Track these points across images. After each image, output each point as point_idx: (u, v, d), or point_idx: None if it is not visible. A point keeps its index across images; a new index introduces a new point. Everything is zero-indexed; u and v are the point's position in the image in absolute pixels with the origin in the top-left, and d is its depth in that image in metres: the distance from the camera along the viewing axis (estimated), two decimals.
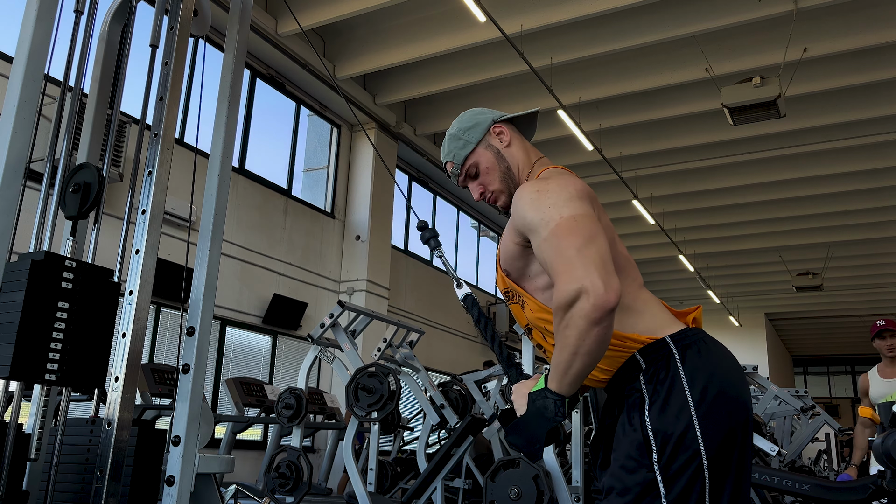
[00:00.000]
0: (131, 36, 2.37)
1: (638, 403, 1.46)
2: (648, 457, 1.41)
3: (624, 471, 1.43)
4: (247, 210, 8.96)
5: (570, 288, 1.36)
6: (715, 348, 1.53)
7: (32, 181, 2.35)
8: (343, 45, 9.46)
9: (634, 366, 1.50)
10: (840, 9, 8.10)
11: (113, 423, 1.82)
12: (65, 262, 1.85)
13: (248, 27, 2.41)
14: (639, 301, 1.57)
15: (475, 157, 1.74)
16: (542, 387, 1.46)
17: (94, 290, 1.89)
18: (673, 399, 1.43)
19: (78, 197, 2.03)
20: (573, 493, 4.43)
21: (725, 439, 1.42)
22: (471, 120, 1.77)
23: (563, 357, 1.39)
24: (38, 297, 1.78)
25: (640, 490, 1.40)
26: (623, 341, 1.51)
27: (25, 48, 2.09)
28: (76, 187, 2.03)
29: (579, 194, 1.52)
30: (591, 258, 1.39)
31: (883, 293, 18.78)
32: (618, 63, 9.39)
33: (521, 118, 1.80)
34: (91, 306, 1.88)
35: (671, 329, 1.53)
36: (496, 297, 15.12)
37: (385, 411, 4.53)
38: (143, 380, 5.79)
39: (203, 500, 2.03)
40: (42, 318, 1.77)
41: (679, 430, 1.40)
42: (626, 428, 1.47)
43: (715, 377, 1.46)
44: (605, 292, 1.34)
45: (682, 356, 1.47)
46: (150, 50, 2.19)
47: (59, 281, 1.82)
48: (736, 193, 13.22)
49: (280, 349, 9.47)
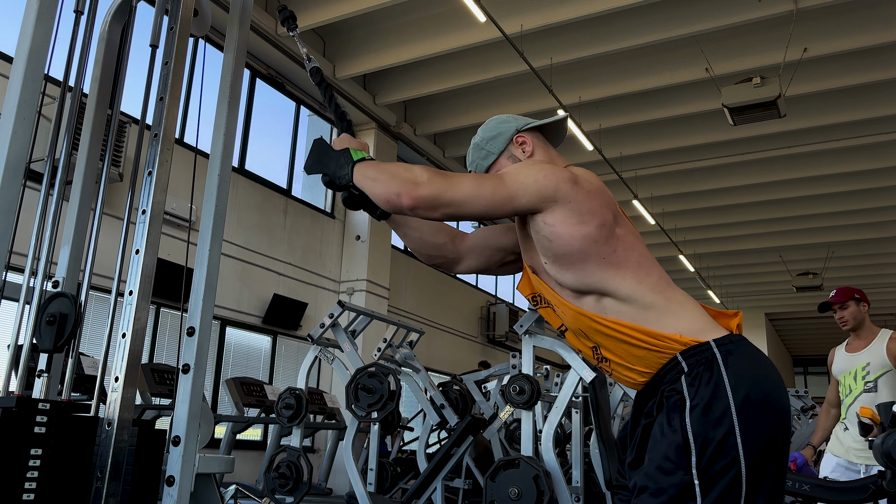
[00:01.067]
0: (131, 36, 2.37)
1: (679, 405, 1.45)
2: (687, 459, 1.40)
3: (660, 472, 1.42)
4: (247, 210, 8.96)
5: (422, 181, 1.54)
6: (758, 356, 1.52)
7: (32, 181, 2.36)
8: (343, 44, 9.46)
9: (676, 367, 1.49)
10: (840, 9, 8.10)
11: (113, 423, 1.81)
12: (37, 405, 1.74)
13: (248, 27, 2.41)
14: (673, 302, 1.55)
15: (497, 167, 1.74)
16: (356, 158, 1.66)
17: (69, 430, 1.80)
18: (716, 403, 1.42)
19: (53, 329, 1.91)
20: (573, 494, 4.43)
21: (765, 448, 1.41)
22: (494, 129, 1.76)
23: (380, 176, 1.59)
24: (10, 447, 1.68)
25: (675, 492, 1.39)
26: (664, 341, 1.50)
27: (25, 48, 2.09)
28: (51, 319, 1.91)
29: (551, 182, 1.55)
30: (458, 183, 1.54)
31: (883, 293, 18.77)
32: (618, 63, 9.38)
33: (548, 126, 1.78)
34: (66, 448, 1.79)
35: (715, 333, 1.51)
36: (496, 298, 15.13)
37: (385, 411, 4.53)
38: (143, 380, 5.79)
39: (203, 500, 2.02)
40: (14, 468, 1.69)
41: (720, 436, 1.39)
42: (664, 429, 1.45)
43: (758, 385, 1.45)
44: (418, 192, 1.52)
45: (725, 361, 1.46)
46: (150, 50, 2.19)
47: (32, 427, 1.72)
48: (736, 193, 13.22)
49: (280, 349, 9.47)
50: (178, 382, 2.02)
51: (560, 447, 6.36)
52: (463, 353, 13.18)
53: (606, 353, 1.58)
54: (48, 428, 1.75)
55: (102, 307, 6.71)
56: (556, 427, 4.45)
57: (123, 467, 1.81)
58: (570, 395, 4.50)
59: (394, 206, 1.56)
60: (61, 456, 1.78)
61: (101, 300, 6.62)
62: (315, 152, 1.73)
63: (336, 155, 1.69)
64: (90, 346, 6.17)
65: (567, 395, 4.50)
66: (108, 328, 2.05)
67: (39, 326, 1.94)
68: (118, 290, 2.03)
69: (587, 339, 1.59)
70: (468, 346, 13.59)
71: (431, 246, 1.86)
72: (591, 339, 1.59)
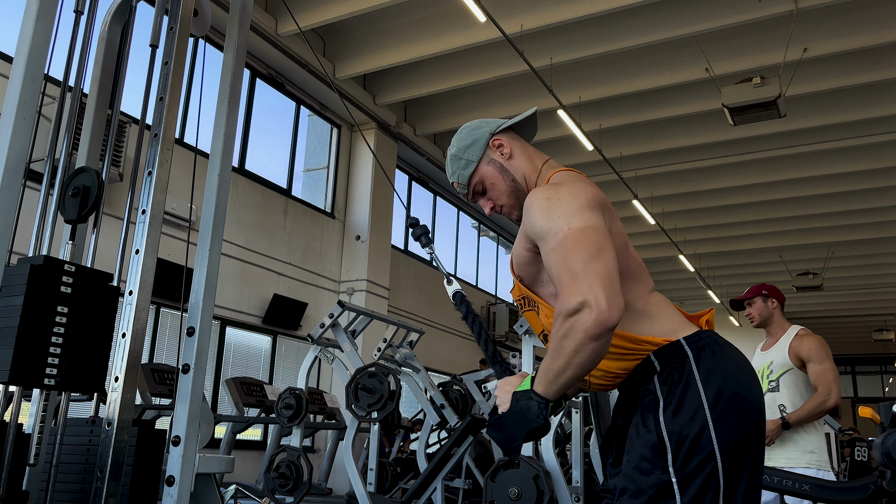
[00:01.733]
0: (131, 36, 2.37)
1: (652, 405, 1.46)
2: (663, 458, 1.41)
3: (638, 472, 1.43)
4: (247, 210, 8.96)
5: (573, 300, 1.36)
6: (729, 351, 1.53)
7: (32, 181, 2.35)
8: (343, 45, 9.46)
9: (649, 367, 1.50)
10: (840, 9, 8.10)
11: (113, 424, 1.82)
12: (64, 266, 1.84)
13: (248, 27, 2.41)
14: (651, 305, 1.57)
15: (479, 174, 1.73)
16: (528, 388, 1.45)
17: (93, 293, 1.88)
18: (688, 401, 1.43)
19: (77, 201, 2.02)
20: (573, 493, 4.43)
21: (740, 441, 1.42)
22: (468, 137, 1.75)
23: (556, 364, 1.39)
24: (37, 302, 1.77)
25: (654, 492, 1.40)
26: (638, 344, 1.51)
27: (25, 48, 2.09)
28: (75, 191, 2.02)
29: (590, 203, 1.50)
30: (598, 273, 1.39)
31: (883, 293, 18.76)
32: (618, 63, 9.38)
33: (520, 123, 1.77)
34: (90, 310, 1.87)
35: (685, 331, 1.53)
36: (496, 298, 15.12)
37: (385, 411, 4.53)
38: (143, 380, 5.79)
39: (203, 500, 2.03)
40: (41, 323, 1.77)
41: (694, 432, 1.40)
42: (640, 429, 1.47)
43: (729, 379, 1.46)
44: (608, 309, 1.35)
45: (696, 358, 1.47)
46: (150, 50, 2.19)
47: (59, 285, 1.81)
48: (736, 193, 13.22)
49: (280, 349, 9.47)
50: (178, 382, 2.02)
51: (560, 447, 6.36)
52: (463, 353, 13.18)
53: None
54: (73, 289, 1.84)
55: None
56: (555, 427, 4.45)
57: (123, 467, 1.81)
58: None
59: (604, 341, 1.37)
60: (85, 317, 1.86)
61: None
62: (502, 433, 1.49)
63: (519, 412, 1.46)
64: None
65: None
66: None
67: (63, 199, 2.05)
68: (118, 290, 2.03)
69: None
70: (468, 346, 13.59)
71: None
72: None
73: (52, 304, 1.79)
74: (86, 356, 1.84)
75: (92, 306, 1.87)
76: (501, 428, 1.49)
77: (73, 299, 1.84)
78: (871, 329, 20.54)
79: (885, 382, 24.98)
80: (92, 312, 1.87)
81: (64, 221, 2.08)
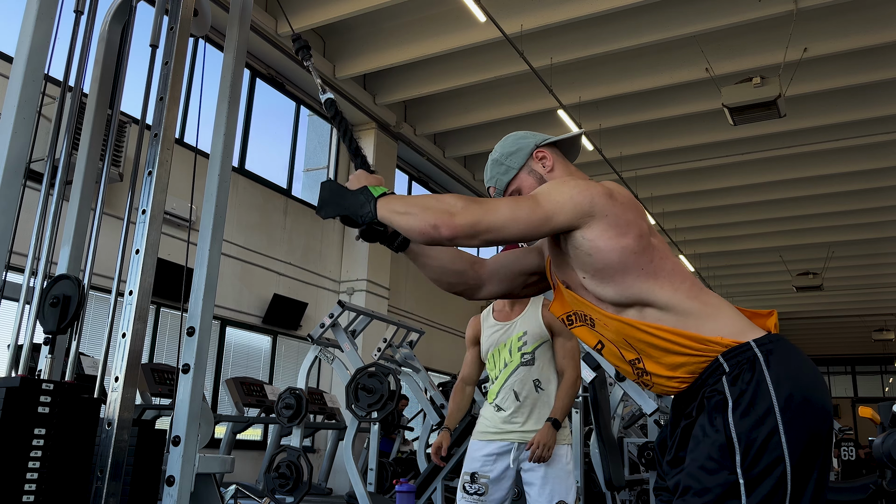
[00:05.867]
0: (131, 36, 2.37)
1: (721, 405, 1.45)
2: (731, 459, 1.41)
3: (703, 471, 1.43)
4: (247, 210, 8.96)
5: (468, 217, 1.50)
6: (799, 355, 1.53)
7: (32, 181, 2.35)
8: (343, 44, 9.46)
9: (717, 368, 1.50)
10: (840, 9, 8.10)
11: (113, 424, 1.81)
12: (41, 385, 1.76)
13: (248, 27, 2.41)
14: (709, 306, 1.56)
15: (517, 182, 1.75)
16: (376, 194, 1.60)
17: (72, 410, 1.80)
18: (759, 403, 1.43)
19: (57, 311, 1.93)
20: None
21: (809, 446, 1.42)
22: (514, 145, 1.78)
23: (408, 207, 1.54)
24: (13, 427, 1.69)
25: (721, 491, 1.40)
26: (707, 345, 1.50)
27: (25, 48, 2.09)
28: (54, 300, 1.93)
29: (583, 199, 1.54)
30: (493, 218, 1.51)
31: (883, 293, 18.76)
32: (618, 63, 9.38)
33: (564, 141, 1.80)
34: (70, 428, 1.79)
35: (755, 334, 1.52)
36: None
37: (385, 411, 4.54)
38: (143, 380, 5.79)
39: (203, 500, 2.02)
40: (17, 448, 1.69)
41: (763, 435, 1.40)
42: (707, 429, 1.46)
43: (801, 384, 1.46)
44: (452, 231, 1.49)
45: (767, 361, 1.47)
46: (150, 50, 2.19)
47: (36, 406, 1.73)
48: (736, 193, 13.22)
49: (280, 349, 9.47)
50: (178, 382, 2.02)
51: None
52: (463, 353, 13.10)
53: (648, 363, 1.58)
54: (52, 408, 1.77)
55: (102, 307, 6.71)
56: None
57: (123, 467, 1.81)
58: None
59: (431, 238, 1.53)
60: (65, 435, 1.79)
61: (101, 300, 6.62)
62: (327, 193, 1.66)
63: (353, 194, 1.63)
64: (90, 346, 6.17)
65: None
66: (108, 328, 2.05)
67: (43, 309, 1.96)
68: (118, 290, 2.04)
69: (631, 349, 1.59)
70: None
71: (452, 274, 1.83)
72: (634, 350, 1.59)
73: (28, 426, 1.71)
74: (65, 479, 1.77)
75: (71, 423, 1.79)
76: (332, 193, 1.65)
77: (52, 419, 1.75)
78: (871, 329, 20.56)
79: (885, 382, 24.99)
80: (71, 430, 1.79)
81: (43, 333, 1.98)
